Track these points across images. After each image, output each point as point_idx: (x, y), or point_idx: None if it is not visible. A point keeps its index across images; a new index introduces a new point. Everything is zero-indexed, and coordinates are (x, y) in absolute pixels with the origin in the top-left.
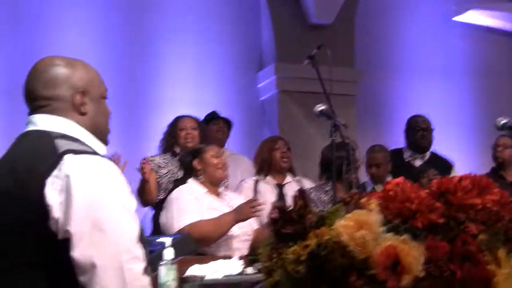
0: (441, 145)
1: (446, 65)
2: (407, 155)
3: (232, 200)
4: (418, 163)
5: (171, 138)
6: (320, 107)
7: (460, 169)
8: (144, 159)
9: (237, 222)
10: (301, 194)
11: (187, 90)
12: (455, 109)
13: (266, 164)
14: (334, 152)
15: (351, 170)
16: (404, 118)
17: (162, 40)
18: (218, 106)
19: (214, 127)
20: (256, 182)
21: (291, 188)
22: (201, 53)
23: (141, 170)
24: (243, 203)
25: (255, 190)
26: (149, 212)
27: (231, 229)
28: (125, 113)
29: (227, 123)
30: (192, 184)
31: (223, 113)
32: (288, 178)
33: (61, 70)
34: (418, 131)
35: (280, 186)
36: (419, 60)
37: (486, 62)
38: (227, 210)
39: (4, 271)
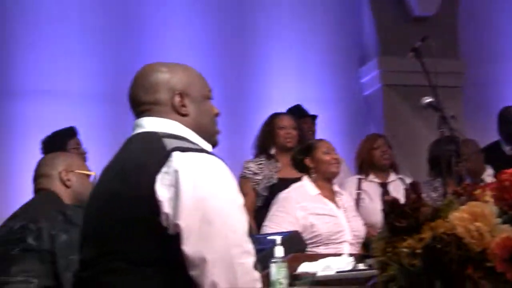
0: None
1: None
2: (507, 148)
3: (347, 201)
4: None
5: (268, 138)
6: (427, 99)
7: None
8: None
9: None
10: (414, 187)
11: (289, 88)
12: None
13: (366, 163)
14: (443, 145)
15: (460, 163)
16: None
17: (265, 38)
18: (321, 103)
19: (304, 126)
20: (359, 180)
21: (395, 186)
22: (303, 49)
23: None
24: None
25: (359, 188)
26: None
27: (342, 234)
28: (229, 114)
29: (314, 120)
30: (305, 184)
31: (325, 110)
32: (392, 177)
33: (161, 75)
34: (509, 122)
35: (383, 185)
36: None
37: None
38: (338, 214)
39: (121, 271)
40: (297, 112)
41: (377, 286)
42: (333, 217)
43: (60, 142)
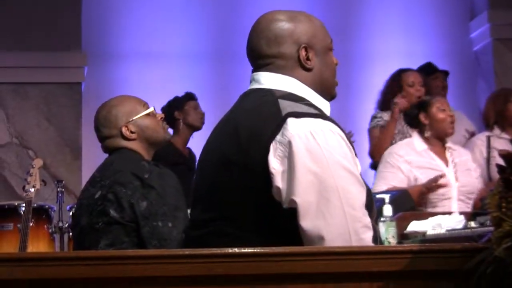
0: None
1: None
2: None
3: (459, 156)
4: None
5: (395, 95)
6: None
7: None
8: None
9: (423, 195)
10: None
11: (396, 43)
12: None
13: (500, 118)
14: None
15: None
16: None
17: None
18: (429, 58)
19: (433, 82)
20: (488, 138)
21: None
22: (410, 4)
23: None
24: (430, 179)
25: (489, 147)
26: None
27: (450, 187)
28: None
29: (446, 76)
30: (414, 139)
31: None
32: None
33: (284, 26)
34: None
35: None
36: None
37: None
38: (446, 170)
39: (231, 235)
40: (424, 68)
41: (491, 242)
42: (438, 171)
43: (178, 105)
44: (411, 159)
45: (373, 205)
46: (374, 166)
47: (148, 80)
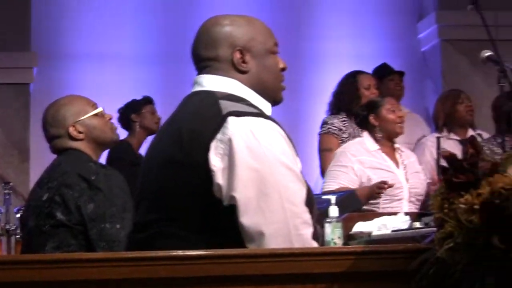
0: None
1: None
2: None
3: (408, 157)
4: None
5: (351, 98)
6: (486, 53)
7: None
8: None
9: (368, 200)
10: (472, 142)
11: (346, 44)
12: None
13: (449, 119)
14: (503, 100)
15: None
16: None
17: None
18: (377, 59)
19: (390, 83)
20: (438, 139)
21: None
22: (360, 5)
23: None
24: (375, 184)
25: (438, 148)
26: None
27: (401, 189)
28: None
29: (401, 76)
30: (365, 139)
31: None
32: (470, 132)
33: (222, 30)
34: None
35: (463, 142)
36: None
37: None
38: (397, 171)
39: (176, 237)
40: (381, 70)
41: (434, 243)
42: (390, 173)
43: (135, 108)
44: (364, 159)
45: (313, 203)
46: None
47: (98, 82)
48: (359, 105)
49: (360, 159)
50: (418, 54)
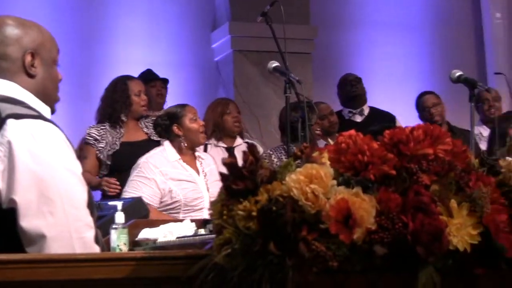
0: (398, 99)
1: (403, 18)
2: (345, 112)
3: (208, 165)
4: (358, 119)
5: (121, 104)
6: (273, 64)
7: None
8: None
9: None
10: (251, 149)
11: (138, 51)
12: (412, 63)
13: (217, 128)
14: (288, 110)
15: (306, 128)
16: (361, 74)
17: (114, 1)
18: (173, 67)
19: (152, 89)
20: (206, 146)
21: (241, 150)
22: (153, 12)
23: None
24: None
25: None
26: None
27: (201, 200)
28: (76, 77)
29: (165, 83)
30: (166, 149)
31: (177, 75)
32: (238, 141)
33: (13, 30)
34: (347, 84)
35: (229, 149)
36: (376, 14)
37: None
38: (197, 179)
39: None
40: (147, 76)
41: (213, 249)
42: (192, 183)
43: None
44: (166, 171)
45: (94, 205)
46: None
47: None
48: (128, 111)
49: (162, 171)
50: (212, 64)
